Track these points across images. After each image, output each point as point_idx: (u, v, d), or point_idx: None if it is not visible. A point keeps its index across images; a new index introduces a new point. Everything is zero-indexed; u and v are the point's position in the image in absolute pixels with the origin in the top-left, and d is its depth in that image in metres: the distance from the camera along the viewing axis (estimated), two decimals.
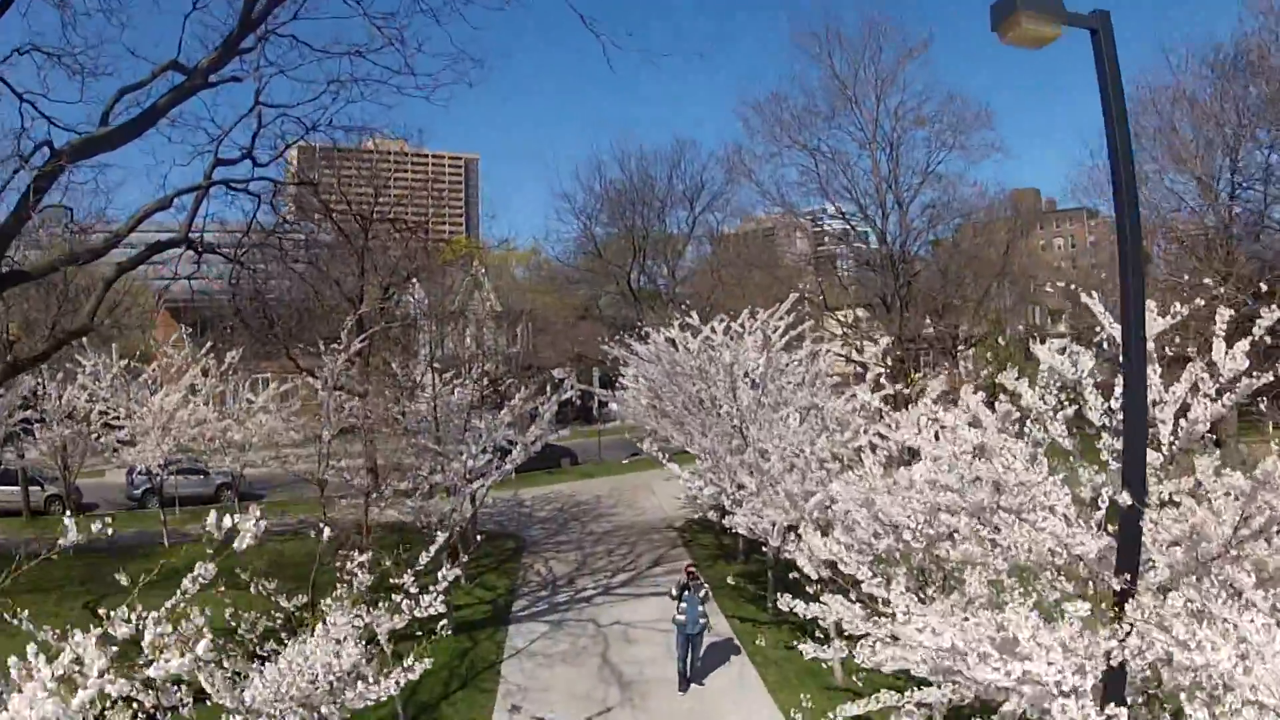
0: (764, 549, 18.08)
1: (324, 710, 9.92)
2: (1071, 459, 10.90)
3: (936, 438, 13.37)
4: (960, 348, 49.26)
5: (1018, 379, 11.61)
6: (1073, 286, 14.69)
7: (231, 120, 19.18)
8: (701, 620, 18.11)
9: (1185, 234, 43.79)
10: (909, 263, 42.83)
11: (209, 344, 33.23)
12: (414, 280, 39.38)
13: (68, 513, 7.89)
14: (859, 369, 37.93)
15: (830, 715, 11.18)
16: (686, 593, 17.99)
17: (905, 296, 41.57)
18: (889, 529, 12.93)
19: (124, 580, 8.61)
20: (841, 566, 10.62)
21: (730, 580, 21.31)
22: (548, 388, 26.12)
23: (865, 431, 15.54)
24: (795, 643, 16.16)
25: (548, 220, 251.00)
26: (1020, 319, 76.36)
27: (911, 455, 17.00)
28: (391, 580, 12.38)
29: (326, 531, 11.16)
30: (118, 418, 31.38)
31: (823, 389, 20.97)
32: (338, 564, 11.74)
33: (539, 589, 25.37)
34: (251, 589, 12.11)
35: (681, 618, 17.87)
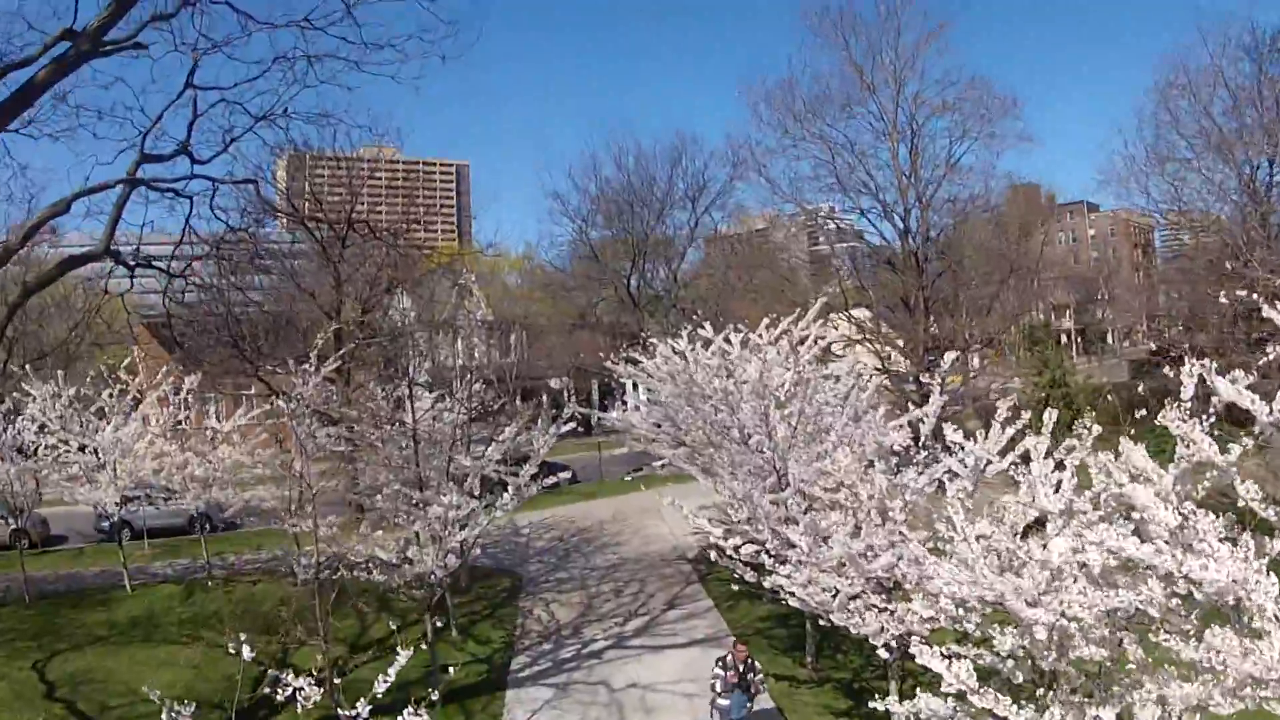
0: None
1: None
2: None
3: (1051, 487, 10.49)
4: (978, 348, 46.38)
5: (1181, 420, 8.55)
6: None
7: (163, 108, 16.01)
8: (747, 706, 15.06)
9: (1222, 226, 41.19)
10: (931, 261, 39.63)
11: (165, 368, 29.99)
12: (396, 290, 36.56)
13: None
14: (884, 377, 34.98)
15: None
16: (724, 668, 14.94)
17: (928, 297, 38.52)
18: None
19: None
20: (975, 700, 7.61)
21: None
22: (543, 399, 22.88)
23: (948, 479, 12.48)
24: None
25: (541, 223, 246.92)
26: (1025, 316, 73.59)
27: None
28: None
29: (239, 647, 8.13)
30: (68, 452, 28.21)
31: (871, 412, 17.80)
32: (268, 688, 8.74)
33: (540, 641, 22.13)
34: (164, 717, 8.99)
35: (725, 702, 14.83)
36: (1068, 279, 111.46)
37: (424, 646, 17.23)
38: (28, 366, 28.79)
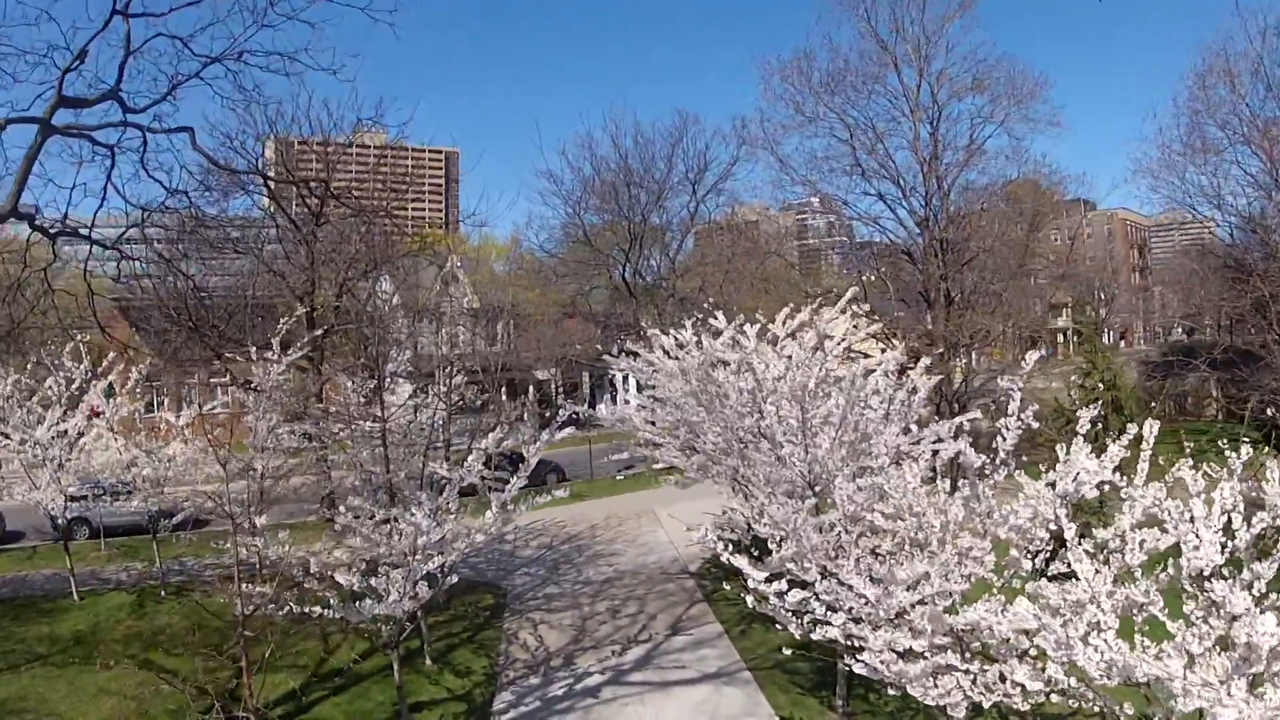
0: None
1: None
2: None
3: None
4: (980, 346, 43.86)
5: None
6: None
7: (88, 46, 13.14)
8: None
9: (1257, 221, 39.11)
10: (951, 252, 36.79)
11: (111, 355, 27.05)
12: (375, 274, 33.83)
13: None
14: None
15: None
16: None
17: (949, 290, 35.81)
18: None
19: None
20: None
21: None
22: (530, 394, 20.14)
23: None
24: None
25: (531, 206, 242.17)
26: (1036, 313, 71.14)
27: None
28: None
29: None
30: (8, 446, 25.36)
31: (927, 420, 15.14)
32: None
33: (527, 673, 19.28)
34: None
35: None
36: (1065, 277, 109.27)
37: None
38: None
